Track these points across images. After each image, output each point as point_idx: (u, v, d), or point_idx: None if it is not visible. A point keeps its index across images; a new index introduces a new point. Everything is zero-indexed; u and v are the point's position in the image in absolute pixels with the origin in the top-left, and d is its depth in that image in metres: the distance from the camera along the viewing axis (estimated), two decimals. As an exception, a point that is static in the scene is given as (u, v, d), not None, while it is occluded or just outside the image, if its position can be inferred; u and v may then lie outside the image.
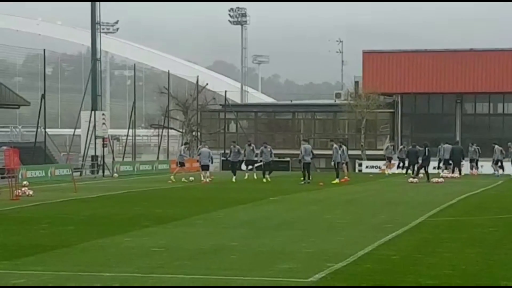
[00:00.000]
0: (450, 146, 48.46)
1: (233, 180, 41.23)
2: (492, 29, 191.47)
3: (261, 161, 42.98)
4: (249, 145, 45.05)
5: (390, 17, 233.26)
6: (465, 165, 49.47)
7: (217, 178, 43.54)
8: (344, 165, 41.55)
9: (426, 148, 42.05)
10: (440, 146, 49.30)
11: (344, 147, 42.21)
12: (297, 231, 18.26)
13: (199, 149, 45.19)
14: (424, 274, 12.42)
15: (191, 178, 41.91)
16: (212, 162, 42.88)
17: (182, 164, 44.12)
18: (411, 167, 44.86)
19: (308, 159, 39.37)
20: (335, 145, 41.03)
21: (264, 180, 40.92)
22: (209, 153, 41.68)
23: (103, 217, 21.72)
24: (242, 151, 44.39)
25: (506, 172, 48.69)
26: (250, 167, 45.46)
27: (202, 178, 39.87)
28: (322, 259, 13.77)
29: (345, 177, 40.82)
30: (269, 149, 42.97)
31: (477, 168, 50.63)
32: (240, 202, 26.61)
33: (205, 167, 40.96)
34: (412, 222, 20.06)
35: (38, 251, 14.95)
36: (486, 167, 50.94)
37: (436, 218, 21.39)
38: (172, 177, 41.92)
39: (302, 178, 38.60)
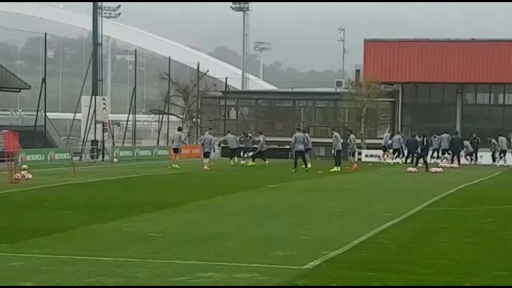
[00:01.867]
0: (447, 135, 48.56)
1: (232, 163, 41.91)
2: (494, 20, 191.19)
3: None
4: (246, 135, 45.90)
5: (392, 6, 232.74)
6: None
7: (217, 165, 43.64)
8: (352, 154, 42.88)
9: (425, 138, 42.15)
10: (433, 136, 49.32)
11: (352, 135, 42.87)
12: (294, 219, 18.34)
13: (202, 136, 45.63)
14: (418, 263, 12.50)
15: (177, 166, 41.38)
16: (214, 150, 43.14)
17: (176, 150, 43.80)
18: (410, 156, 45.05)
19: (300, 147, 39.36)
20: (335, 133, 41.22)
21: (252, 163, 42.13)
22: (211, 140, 41.77)
23: (101, 202, 21.80)
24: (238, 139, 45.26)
25: (507, 163, 48.80)
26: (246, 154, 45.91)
27: (205, 166, 39.79)
28: (318, 247, 13.84)
29: (355, 165, 41.75)
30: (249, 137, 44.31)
31: (473, 159, 50.75)
32: (238, 189, 26.70)
33: (206, 154, 41.05)
34: (409, 211, 20.14)
35: (36, 234, 15.03)
36: (485, 157, 51.06)
37: (433, 208, 21.47)
38: (175, 165, 41.40)
39: (294, 167, 38.53)
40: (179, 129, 46.39)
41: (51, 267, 11.74)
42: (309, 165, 39.25)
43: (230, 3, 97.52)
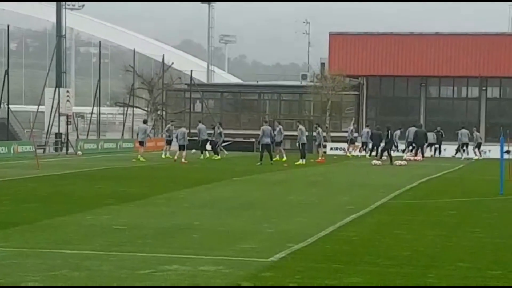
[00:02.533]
0: (414, 128, 48.90)
1: (201, 157, 41.90)
2: (457, 14, 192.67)
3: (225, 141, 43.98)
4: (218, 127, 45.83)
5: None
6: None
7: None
8: (319, 147, 43.11)
9: (389, 131, 42.39)
10: (405, 129, 49.68)
11: (320, 129, 43.04)
12: (259, 212, 18.38)
13: (168, 129, 45.75)
14: (382, 255, 12.58)
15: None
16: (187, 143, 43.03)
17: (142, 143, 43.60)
18: (374, 149, 45.33)
19: (266, 140, 39.43)
20: (300, 126, 41.36)
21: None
22: (184, 133, 41.66)
23: (65, 194, 21.68)
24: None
25: (469, 156, 49.25)
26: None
27: (183, 159, 39.75)
28: (283, 240, 13.88)
29: (321, 158, 41.88)
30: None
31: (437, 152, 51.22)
32: (203, 182, 26.68)
33: (181, 147, 41.02)
34: (373, 204, 20.27)
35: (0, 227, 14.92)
36: (448, 150, 51.50)
37: (397, 201, 21.62)
38: (140, 157, 41.28)
39: (260, 160, 38.59)
40: (145, 121, 46.21)
41: (15, 260, 11.66)
42: (284, 157, 39.87)
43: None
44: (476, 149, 50.42)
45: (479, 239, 14.58)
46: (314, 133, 43.88)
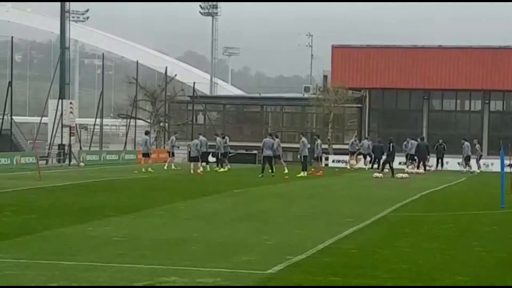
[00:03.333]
0: (415, 142, 48.82)
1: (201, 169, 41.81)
2: (460, 27, 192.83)
3: (231, 152, 43.96)
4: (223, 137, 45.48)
5: (361, 12, 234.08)
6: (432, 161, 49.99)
7: (182, 169, 43.68)
8: (319, 159, 42.85)
9: (391, 144, 42.34)
10: (406, 142, 49.61)
11: (319, 141, 42.88)
12: (259, 224, 18.40)
13: (172, 141, 45.95)
14: (381, 267, 12.59)
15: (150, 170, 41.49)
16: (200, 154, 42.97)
17: (148, 155, 43.73)
18: (376, 162, 45.29)
19: (267, 152, 39.42)
20: (303, 139, 41.34)
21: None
22: (197, 145, 41.54)
23: (66, 206, 21.71)
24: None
25: (472, 169, 49.19)
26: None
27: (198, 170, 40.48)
28: (282, 252, 13.90)
29: (320, 171, 41.78)
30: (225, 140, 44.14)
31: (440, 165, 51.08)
32: (204, 193, 26.71)
33: (196, 158, 41.13)
34: (373, 216, 20.27)
35: (0, 238, 14.95)
36: (451, 163, 51.42)
37: (397, 213, 21.62)
38: (149, 168, 41.49)
39: (261, 172, 38.59)
40: (146, 133, 46.30)
41: (14, 271, 11.70)
42: (286, 170, 39.77)
43: (199, 8, 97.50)
44: (478, 162, 50.45)
45: (479, 252, 14.59)
46: (314, 145, 43.60)
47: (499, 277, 12.13)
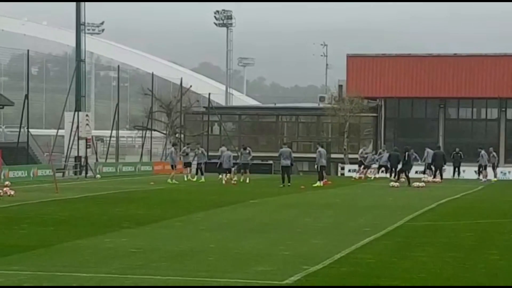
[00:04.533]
0: (431, 150, 48.63)
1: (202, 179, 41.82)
2: (477, 35, 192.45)
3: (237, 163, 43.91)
4: (245, 148, 45.16)
5: (375, 22, 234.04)
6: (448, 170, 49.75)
7: (197, 180, 43.78)
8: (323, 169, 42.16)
9: (407, 153, 42.16)
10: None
11: (322, 149, 42.09)
12: (275, 234, 18.37)
13: (184, 151, 45.96)
14: (398, 277, 12.55)
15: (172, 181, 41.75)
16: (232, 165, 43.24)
17: (173, 166, 44.31)
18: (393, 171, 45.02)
19: (286, 162, 39.38)
20: (320, 149, 41.15)
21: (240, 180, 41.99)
22: (230, 157, 42.23)
23: (83, 217, 21.76)
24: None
25: (488, 178, 49.01)
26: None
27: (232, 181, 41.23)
28: (299, 262, 13.87)
29: (324, 180, 40.97)
30: (248, 151, 43.74)
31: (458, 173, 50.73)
32: (220, 204, 26.70)
33: (226, 170, 41.71)
34: (390, 226, 20.20)
35: (17, 251, 15.00)
36: (468, 172, 51.23)
37: (414, 223, 21.54)
38: (173, 180, 41.91)
39: (282, 182, 38.62)
40: (174, 144, 47.04)
41: (31, 283, 11.72)
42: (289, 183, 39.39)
43: (214, 20, 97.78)
44: (495, 171, 50.29)
45: (496, 261, 14.52)
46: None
47: (517, 286, 12.06)
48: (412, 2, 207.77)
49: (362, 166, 49.14)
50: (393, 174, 44.94)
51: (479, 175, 49.49)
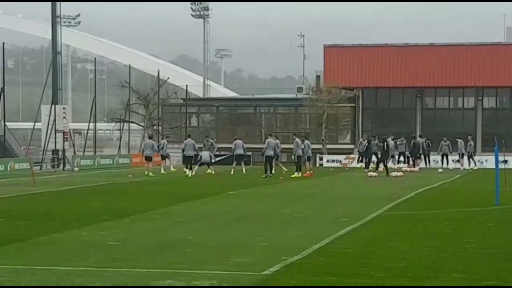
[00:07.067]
0: (421, 140, 49.09)
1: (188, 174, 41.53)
2: (451, 25, 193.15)
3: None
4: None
5: (352, 12, 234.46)
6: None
7: (177, 172, 43.67)
8: (307, 159, 42.03)
9: (385, 143, 42.37)
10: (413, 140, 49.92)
11: (307, 141, 42.34)
12: (254, 225, 18.39)
13: (161, 144, 45.77)
14: (377, 267, 12.59)
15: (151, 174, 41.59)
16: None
17: (163, 157, 44.56)
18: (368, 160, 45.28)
19: (270, 152, 39.58)
20: (296, 139, 41.28)
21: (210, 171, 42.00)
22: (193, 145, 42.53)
23: (61, 211, 21.67)
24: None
25: (464, 166, 49.38)
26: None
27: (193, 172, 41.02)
28: (278, 253, 13.89)
29: (308, 172, 41.01)
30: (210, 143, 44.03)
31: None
32: (199, 196, 26.68)
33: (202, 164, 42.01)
34: (368, 216, 20.27)
35: (-6, 245, 14.93)
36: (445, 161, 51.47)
37: (392, 212, 21.63)
38: (150, 173, 41.69)
39: (265, 172, 38.85)
40: (150, 137, 46.75)
41: (9, 277, 11.66)
42: (271, 173, 39.58)
43: (190, 11, 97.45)
44: (471, 159, 50.68)
45: (474, 249, 14.60)
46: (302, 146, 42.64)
47: (494, 274, 12.13)
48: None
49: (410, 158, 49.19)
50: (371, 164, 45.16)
51: (459, 164, 49.90)
